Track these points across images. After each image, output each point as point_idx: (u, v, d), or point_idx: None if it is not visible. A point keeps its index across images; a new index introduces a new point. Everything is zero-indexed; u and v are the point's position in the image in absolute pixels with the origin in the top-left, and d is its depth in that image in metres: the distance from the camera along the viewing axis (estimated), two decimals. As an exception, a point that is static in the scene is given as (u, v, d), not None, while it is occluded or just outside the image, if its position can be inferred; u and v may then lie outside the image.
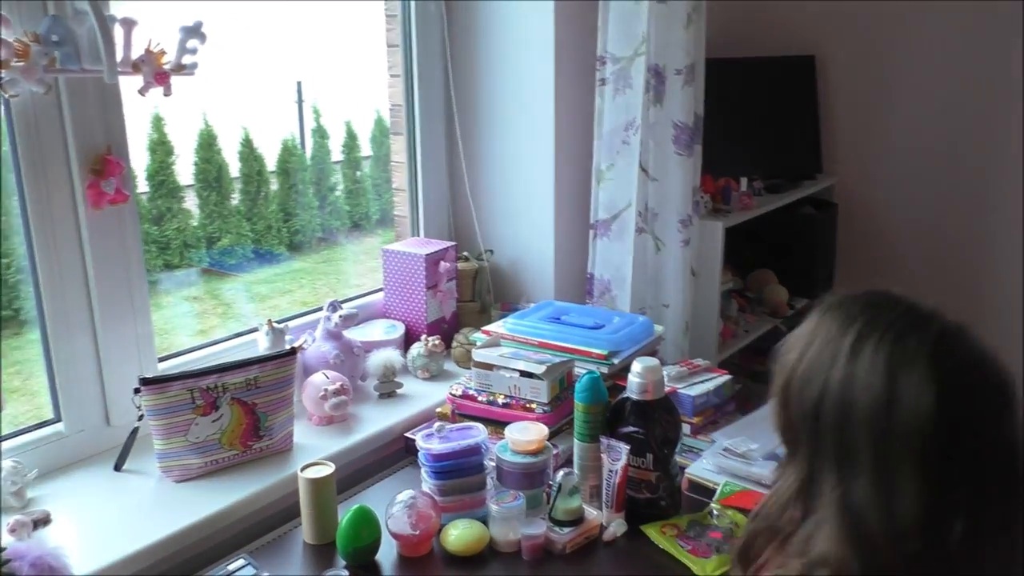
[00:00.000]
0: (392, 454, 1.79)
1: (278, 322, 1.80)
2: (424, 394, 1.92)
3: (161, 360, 1.74)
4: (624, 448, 1.46)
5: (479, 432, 1.53)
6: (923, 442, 0.82)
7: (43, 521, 1.43)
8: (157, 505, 1.49)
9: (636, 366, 1.48)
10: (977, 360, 0.86)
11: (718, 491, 1.56)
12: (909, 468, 0.82)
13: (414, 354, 1.99)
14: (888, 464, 0.83)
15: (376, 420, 1.80)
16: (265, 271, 2.34)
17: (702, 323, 2.26)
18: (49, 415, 1.60)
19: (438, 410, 1.78)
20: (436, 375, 2.00)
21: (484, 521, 1.46)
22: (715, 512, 1.51)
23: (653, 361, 1.49)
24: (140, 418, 1.57)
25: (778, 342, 1.00)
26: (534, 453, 1.50)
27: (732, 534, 1.45)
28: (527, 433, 1.51)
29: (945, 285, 2.75)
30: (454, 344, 2.08)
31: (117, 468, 1.59)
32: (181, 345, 1.86)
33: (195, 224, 2.53)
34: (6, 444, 1.52)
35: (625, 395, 1.51)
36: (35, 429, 1.58)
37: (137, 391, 1.53)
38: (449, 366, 2.06)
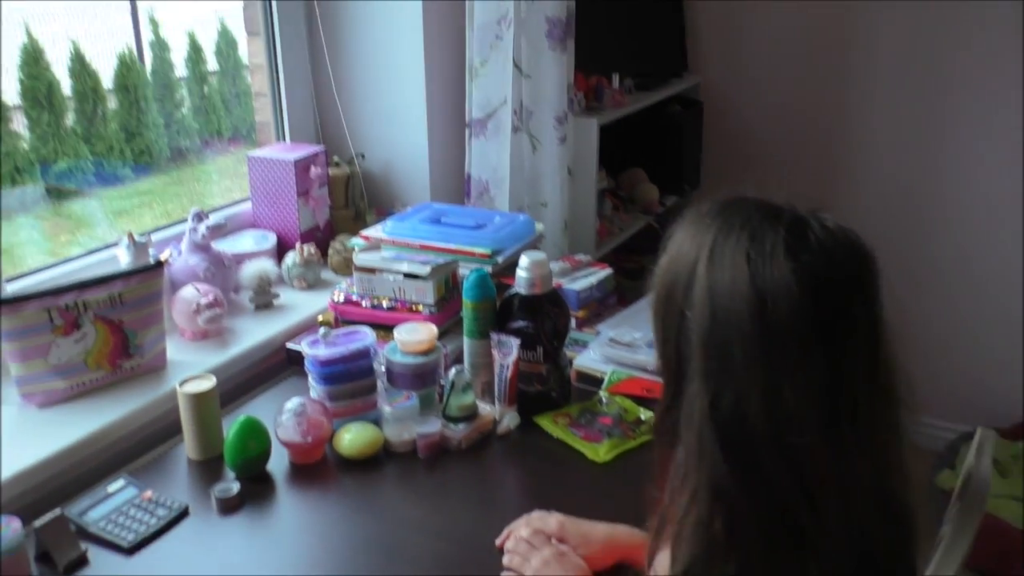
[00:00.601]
0: (274, 366, 1.73)
1: (140, 235, 1.68)
2: (302, 304, 1.86)
3: (10, 280, 1.60)
4: (515, 343, 1.46)
5: (367, 335, 1.49)
6: (798, 338, 0.77)
7: None
8: (20, 432, 1.38)
9: (523, 260, 1.47)
10: (834, 242, 0.81)
11: (606, 379, 1.59)
12: (787, 367, 0.77)
13: (289, 263, 1.91)
14: (764, 369, 0.77)
15: (254, 332, 1.73)
16: (110, 193, 2.17)
17: (580, 222, 2.27)
18: None
19: (320, 318, 1.72)
20: (313, 284, 1.93)
21: (377, 424, 1.43)
22: (604, 399, 1.54)
23: (540, 255, 1.48)
24: (-9, 342, 1.44)
25: (651, 239, 0.97)
26: (424, 353, 1.47)
27: (621, 418, 1.48)
28: (416, 333, 1.48)
29: (809, 181, 2.87)
30: (330, 252, 2.01)
31: (-31, 398, 1.46)
32: (31, 265, 1.72)
33: (26, 147, 2.32)
34: None
35: (513, 291, 1.50)
36: None
37: (-15, 313, 1.40)
38: (326, 275, 1.99)
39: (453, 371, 1.44)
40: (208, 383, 1.40)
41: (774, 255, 0.79)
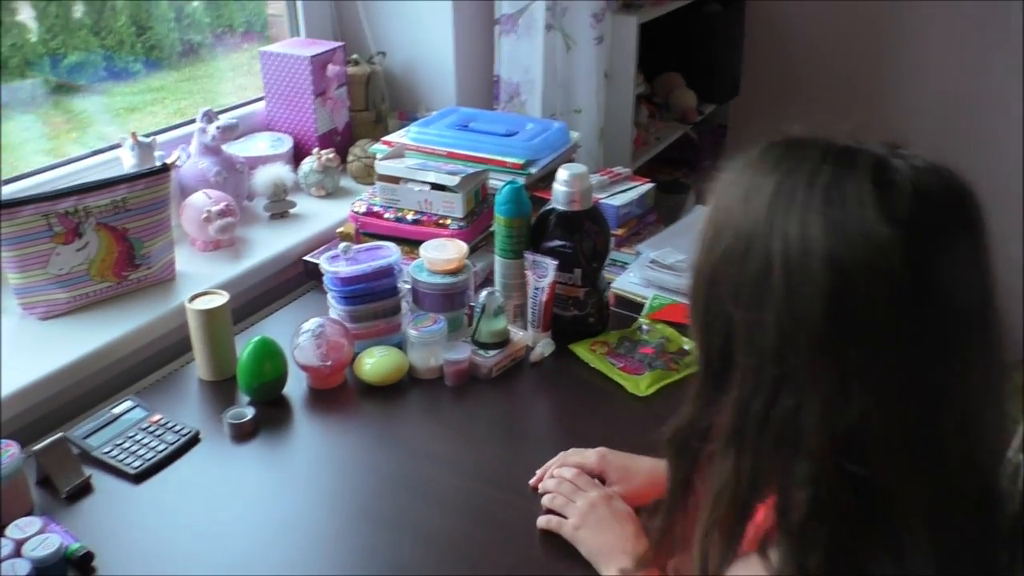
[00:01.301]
0: (291, 279, 1.62)
1: (144, 136, 1.55)
2: (321, 213, 1.74)
3: (7, 182, 1.49)
4: (551, 264, 1.34)
5: (391, 252, 1.37)
6: (893, 319, 0.62)
7: None
8: (21, 346, 1.29)
9: (562, 173, 1.34)
10: (932, 187, 0.64)
11: (647, 305, 1.48)
12: (876, 361, 0.62)
13: (306, 170, 1.79)
14: (840, 364, 0.63)
15: (269, 243, 1.61)
16: (120, 89, 2.02)
17: (615, 130, 2.12)
18: None
19: (339, 230, 1.61)
20: (332, 192, 1.81)
21: (401, 347, 1.33)
22: (644, 327, 1.43)
23: (580, 168, 1.35)
24: (-14, 249, 1.33)
25: (687, 151, 0.80)
26: (453, 272, 1.36)
27: (664, 349, 1.38)
28: (445, 251, 1.37)
29: (856, 100, 2.69)
30: (350, 158, 1.87)
31: (-34, 307, 1.37)
32: (30, 165, 1.60)
33: (34, 39, 2.17)
34: None
35: (550, 206, 1.37)
36: None
37: (-22, 218, 1.29)
38: (346, 182, 1.87)
39: (484, 293, 1.33)
40: (219, 299, 1.29)
41: (860, 211, 0.62)
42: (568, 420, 1.28)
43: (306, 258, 1.60)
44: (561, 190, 1.34)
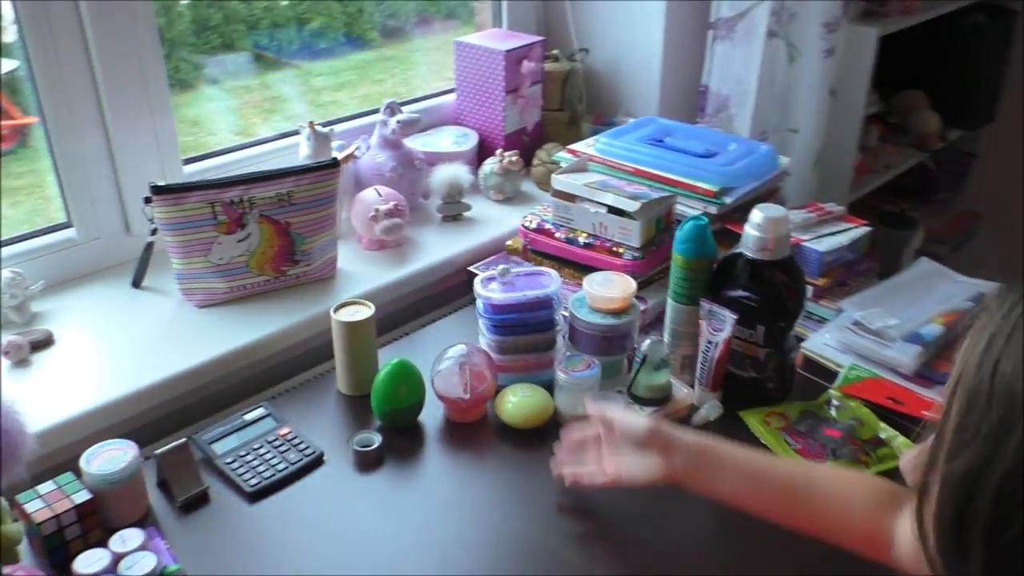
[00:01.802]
0: (453, 288, 1.54)
1: (322, 125, 1.51)
2: (495, 219, 1.64)
3: (187, 162, 1.49)
4: (730, 317, 1.16)
5: (551, 281, 1.25)
6: None
7: (44, 343, 1.24)
8: (173, 333, 1.28)
9: (756, 215, 1.15)
10: None
11: (841, 375, 1.26)
12: None
13: (486, 171, 1.69)
14: None
15: (436, 248, 1.53)
16: (318, 67, 2.01)
17: (835, 154, 1.87)
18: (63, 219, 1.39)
19: (508, 243, 1.50)
20: (511, 197, 1.71)
21: (550, 387, 1.21)
22: (834, 402, 1.22)
23: (779, 210, 1.16)
24: (153, 232, 1.34)
25: (921, 180, 0.63)
26: (617, 313, 1.21)
27: (854, 434, 1.16)
28: (610, 288, 1.22)
29: None
30: (535, 161, 1.76)
31: (135, 285, 1.38)
32: (220, 144, 1.61)
33: (284, 4, 2.22)
34: (7, 250, 1.32)
35: (738, 250, 1.19)
36: (42, 234, 1.38)
37: (148, 201, 1.28)
38: (527, 187, 1.76)
39: (648, 342, 1.18)
40: (365, 312, 1.22)
41: None
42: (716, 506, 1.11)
43: (471, 268, 1.50)
44: (752, 234, 1.16)
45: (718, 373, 1.20)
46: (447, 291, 1.53)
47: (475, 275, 1.47)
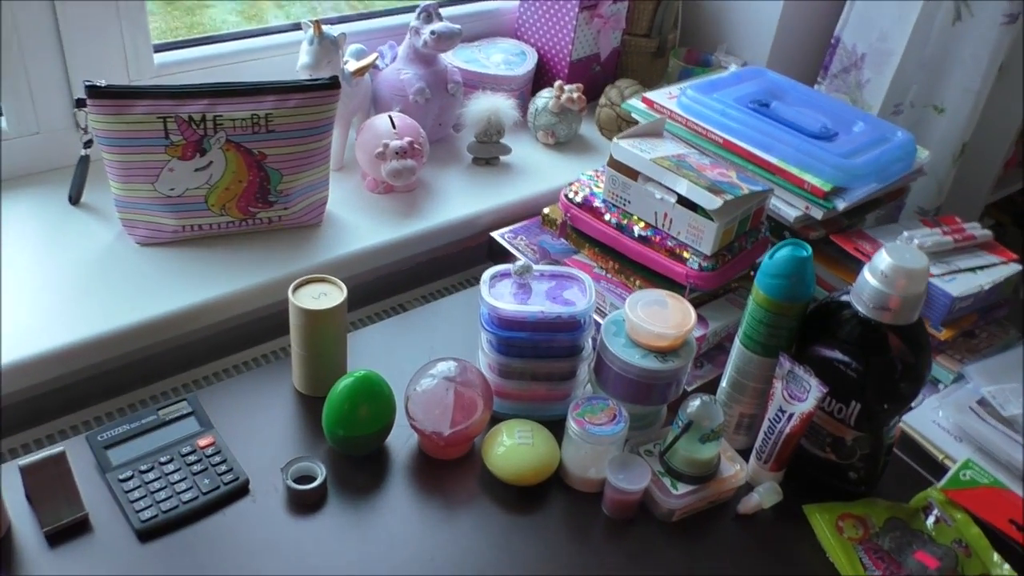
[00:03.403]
0: (468, 253, 1.24)
1: (331, 22, 1.18)
2: (538, 171, 1.31)
3: (162, 49, 1.19)
4: (818, 389, 0.85)
5: (583, 291, 0.93)
6: None
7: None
8: (100, 277, 1.01)
9: (884, 259, 0.81)
10: None
11: (950, 473, 0.94)
12: None
13: (539, 106, 1.35)
14: None
15: (456, 201, 1.22)
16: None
17: (984, 145, 1.48)
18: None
19: (545, 211, 1.18)
20: (565, 143, 1.37)
21: (560, 427, 0.92)
22: (936, 510, 0.91)
23: (918, 260, 0.81)
24: (87, 144, 1.05)
25: None
26: (664, 352, 0.90)
27: (955, 562, 0.86)
28: (661, 319, 0.90)
29: None
30: (602, 101, 1.41)
31: (72, 201, 1.11)
32: (217, 27, 1.29)
33: None
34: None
35: (845, 296, 0.86)
36: (-37, 122, 1.10)
37: (80, 104, 0.99)
38: (588, 131, 1.42)
39: (698, 403, 0.87)
40: (334, 296, 0.93)
41: None
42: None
43: (494, 235, 1.19)
44: (871, 283, 0.82)
45: (785, 451, 0.90)
46: (460, 255, 1.23)
47: (498, 245, 1.17)
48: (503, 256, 1.17)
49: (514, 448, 0.89)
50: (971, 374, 1.01)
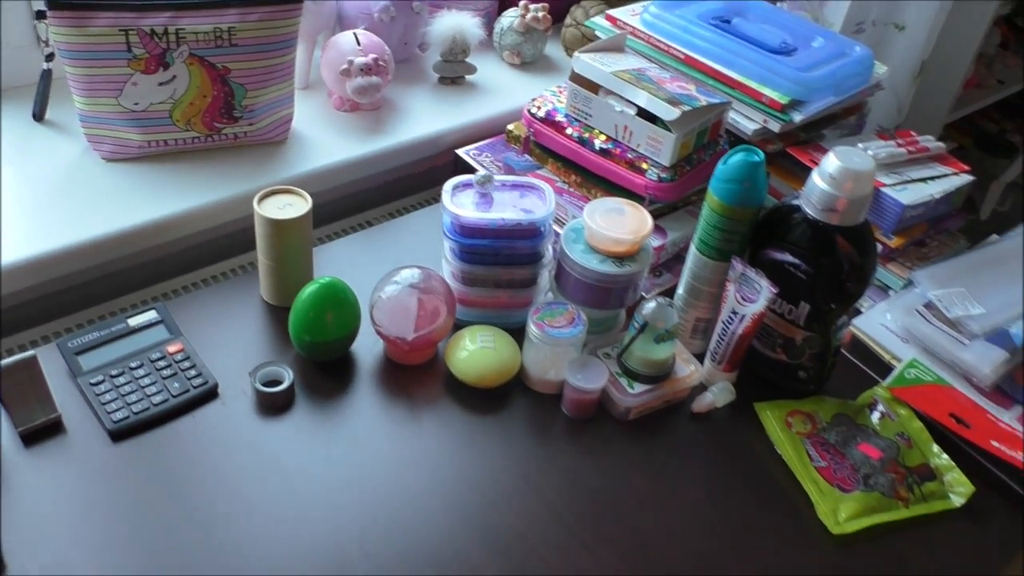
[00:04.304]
0: (436, 169, 1.25)
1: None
2: (504, 90, 1.33)
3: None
4: (768, 289, 0.88)
5: (542, 199, 0.96)
6: None
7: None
8: (67, 192, 1.02)
9: (832, 162, 0.84)
10: None
11: (896, 371, 0.98)
12: None
13: (504, 25, 1.36)
14: None
15: (421, 118, 1.23)
16: None
17: (945, 64, 1.50)
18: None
19: (509, 127, 1.19)
20: (531, 63, 1.38)
21: (522, 333, 0.94)
22: (880, 406, 0.95)
23: (865, 162, 0.84)
24: (49, 57, 1.05)
25: None
26: (621, 258, 0.93)
27: (898, 458, 0.90)
28: (618, 224, 0.93)
29: None
30: (567, 21, 1.42)
31: (36, 118, 1.11)
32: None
33: None
34: None
35: (794, 200, 0.89)
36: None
37: (41, 16, 0.99)
38: (553, 51, 1.42)
39: (653, 305, 0.90)
40: (299, 206, 0.94)
41: None
42: (706, 523, 0.86)
43: (459, 152, 1.21)
44: (820, 186, 0.85)
45: (738, 352, 0.93)
46: (425, 174, 1.25)
47: (463, 162, 1.19)
48: (468, 173, 1.18)
49: (477, 352, 0.92)
50: (919, 279, 1.04)
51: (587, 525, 0.83)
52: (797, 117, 1.08)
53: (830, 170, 0.84)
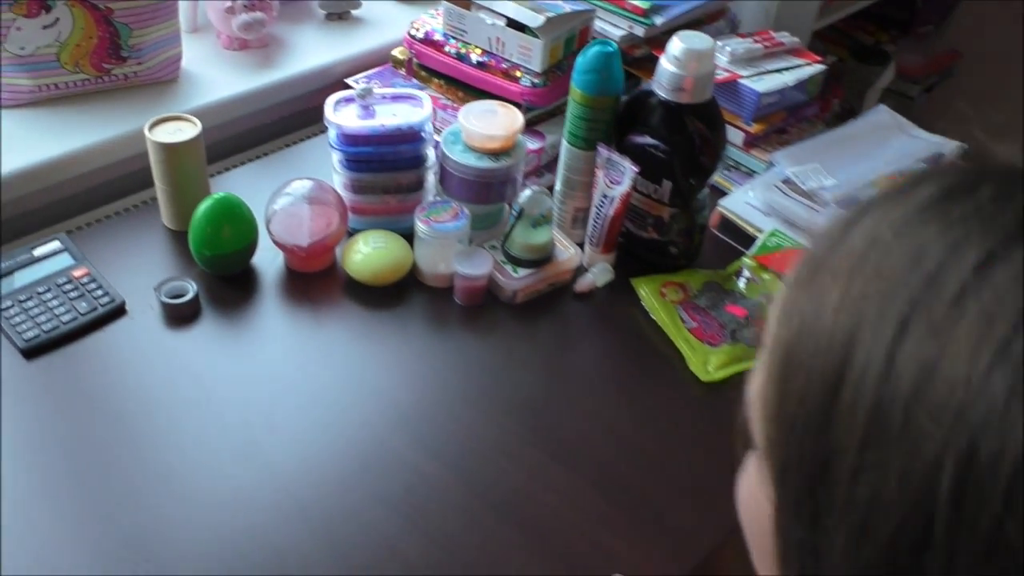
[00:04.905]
0: (324, 103, 1.30)
1: None
2: (390, 21, 1.37)
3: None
4: (630, 169, 0.96)
5: (420, 106, 1.02)
6: None
7: None
8: (-39, 140, 1.05)
9: (676, 44, 0.92)
10: None
11: (758, 241, 1.08)
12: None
13: (385, -40, 1.41)
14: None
15: (310, 53, 1.28)
16: None
17: (806, -28, 1.59)
18: None
19: (394, 52, 1.25)
20: (414, -5, 1.43)
21: (412, 237, 1.01)
22: (746, 273, 1.04)
23: (704, 42, 0.92)
24: (-71, 9, 1.07)
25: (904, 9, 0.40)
26: (496, 154, 1.00)
27: (761, 314, 0.99)
28: (491, 122, 1.00)
29: None
30: (447, -48, 1.47)
31: (-75, 74, 1.13)
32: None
33: None
34: None
35: (648, 86, 0.97)
36: None
37: (-85, -34, 1.01)
38: (436, -16, 1.48)
39: (527, 192, 0.97)
40: (189, 130, 0.99)
41: None
42: (594, 388, 0.94)
43: (349, 80, 1.26)
44: (667, 69, 0.93)
45: (612, 233, 1.01)
46: (321, 108, 1.29)
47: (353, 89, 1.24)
48: (360, 101, 1.23)
49: (371, 253, 0.99)
50: (778, 159, 1.13)
51: (486, 396, 0.90)
52: (659, 20, 1.15)
53: (675, 52, 0.92)
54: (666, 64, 0.93)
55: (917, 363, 0.30)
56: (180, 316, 0.94)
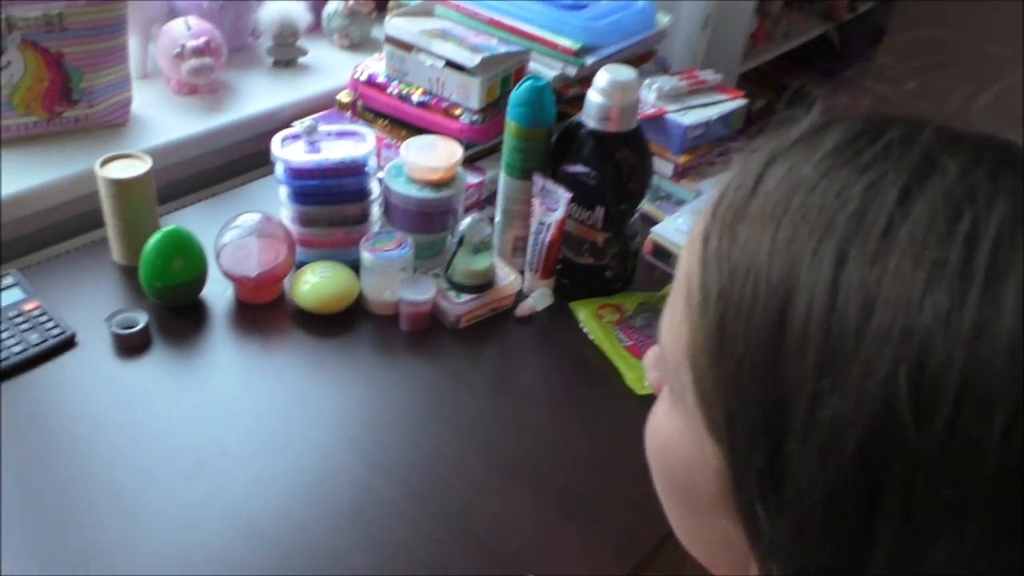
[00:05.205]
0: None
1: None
2: (336, 68, 1.43)
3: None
4: (564, 196, 1.01)
5: (363, 141, 1.07)
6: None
7: None
8: (-88, 183, 1.07)
9: (602, 77, 0.99)
10: None
11: (690, 266, 1.13)
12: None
13: (330, 11, 1.47)
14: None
15: (258, 97, 1.33)
16: None
17: (730, 17, 1.69)
18: None
19: (339, 96, 1.30)
20: (359, 44, 1.49)
21: (359, 268, 1.05)
22: (678, 295, 1.09)
23: (627, 74, 0.99)
24: None
25: (823, 54, 0.44)
26: (437, 185, 1.05)
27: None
28: (431, 155, 1.05)
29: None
30: (391, 4, 1.53)
31: None
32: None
33: None
34: None
35: (579, 119, 1.03)
36: None
37: None
38: (380, 33, 1.54)
39: (468, 220, 1.02)
40: (139, 167, 1.03)
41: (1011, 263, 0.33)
42: (536, 405, 0.98)
43: (298, 123, 1.30)
44: (596, 101, 0.99)
45: (550, 258, 1.06)
46: (266, 151, 1.33)
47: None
48: (307, 143, 1.28)
49: (318, 283, 1.02)
50: (704, 188, 1.20)
51: (433, 416, 0.94)
52: (589, 60, 1.22)
53: (602, 84, 0.98)
54: (593, 96, 0.99)
55: (859, 293, 0.33)
56: (131, 346, 0.96)
